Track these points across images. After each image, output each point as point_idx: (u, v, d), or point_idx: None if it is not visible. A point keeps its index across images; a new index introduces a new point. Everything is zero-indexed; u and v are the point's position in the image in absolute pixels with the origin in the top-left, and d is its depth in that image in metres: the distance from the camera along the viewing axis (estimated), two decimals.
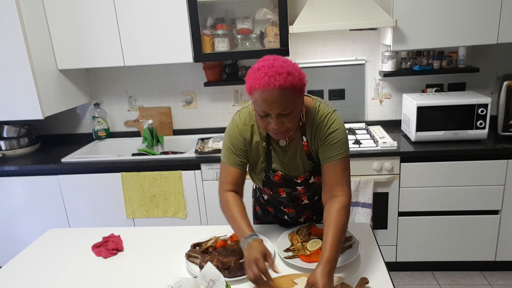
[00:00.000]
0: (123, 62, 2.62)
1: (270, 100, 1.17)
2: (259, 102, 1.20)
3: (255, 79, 1.18)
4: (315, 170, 1.43)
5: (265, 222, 1.72)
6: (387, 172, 2.44)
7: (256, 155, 1.43)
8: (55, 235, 1.73)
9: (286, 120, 1.23)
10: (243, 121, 1.41)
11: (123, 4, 2.51)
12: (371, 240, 1.49)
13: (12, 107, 2.56)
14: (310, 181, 1.45)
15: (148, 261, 1.47)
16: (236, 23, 2.57)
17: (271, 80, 1.15)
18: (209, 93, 3.02)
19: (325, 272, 1.13)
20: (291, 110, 1.21)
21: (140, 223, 2.69)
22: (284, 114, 1.21)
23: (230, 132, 1.42)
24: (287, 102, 1.19)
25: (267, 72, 1.16)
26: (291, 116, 1.23)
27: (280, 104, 1.18)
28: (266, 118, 1.24)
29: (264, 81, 1.16)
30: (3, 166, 2.62)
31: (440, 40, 2.42)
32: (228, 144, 1.42)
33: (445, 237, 2.53)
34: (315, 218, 1.63)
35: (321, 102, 1.39)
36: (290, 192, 1.49)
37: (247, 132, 1.40)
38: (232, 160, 1.42)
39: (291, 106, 1.20)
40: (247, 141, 1.41)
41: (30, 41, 2.44)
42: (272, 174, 1.44)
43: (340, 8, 2.38)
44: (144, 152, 2.64)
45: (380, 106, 2.94)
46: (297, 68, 1.21)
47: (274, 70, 1.16)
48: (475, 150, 2.34)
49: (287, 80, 1.16)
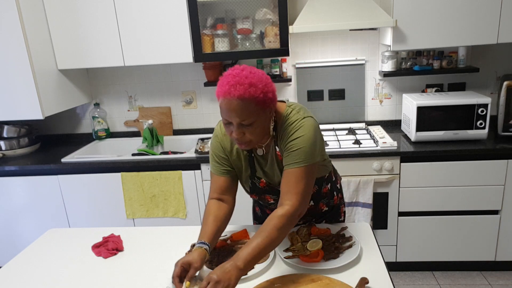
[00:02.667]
0: (123, 62, 2.62)
1: (229, 109, 1.18)
2: (221, 109, 1.21)
3: (219, 86, 1.20)
4: None
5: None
6: (387, 172, 2.44)
7: (239, 163, 1.44)
8: (55, 235, 1.73)
9: (247, 131, 1.23)
10: (223, 131, 1.43)
11: (123, 4, 2.51)
12: (371, 240, 1.49)
13: (12, 107, 2.56)
14: None
15: (148, 261, 1.47)
16: (236, 23, 2.57)
17: (231, 90, 1.17)
18: (209, 93, 3.02)
19: (231, 269, 1.12)
20: (252, 121, 1.21)
21: (140, 223, 2.69)
22: (245, 125, 1.22)
23: (212, 142, 1.46)
24: (247, 113, 1.19)
25: (229, 81, 1.18)
26: (252, 128, 1.22)
27: (239, 114, 1.19)
28: (229, 126, 1.25)
29: (225, 89, 1.18)
30: (3, 166, 2.62)
31: (440, 40, 2.42)
32: (211, 153, 1.46)
33: (445, 237, 2.53)
34: (314, 220, 1.62)
35: (294, 109, 1.35)
36: (277, 199, 1.44)
37: (227, 142, 1.43)
38: (216, 169, 1.45)
39: (251, 117, 1.20)
40: (227, 151, 1.43)
41: (30, 41, 2.44)
42: (257, 181, 1.45)
43: (340, 8, 2.38)
44: (144, 152, 2.64)
45: (380, 106, 2.94)
46: (265, 81, 1.20)
47: (237, 79, 1.17)
48: (475, 150, 2.34)
49: (247, 91, 1.16)
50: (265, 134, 1.30)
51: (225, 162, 1.44)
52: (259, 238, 1.19)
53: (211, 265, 1.32)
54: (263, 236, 1.20)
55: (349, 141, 2.60)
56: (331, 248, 1.39)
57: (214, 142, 1.45)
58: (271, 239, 1.20)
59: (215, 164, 1.45)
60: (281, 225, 1.22)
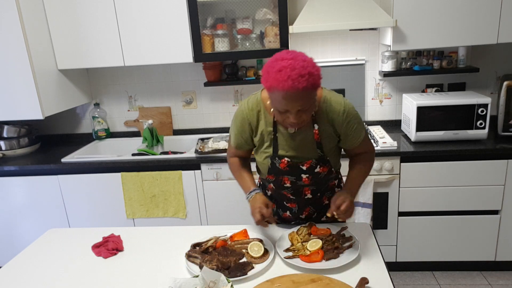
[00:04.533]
0: (123, 62, 2.62)
1: (293, 100, 1.22)
2: (280, 102, 1.24)
3: (277, 81, 1.19)
4: (321, 159, 1.45)
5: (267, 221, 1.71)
6: (387, 172, 2.44)
7: (261, 140, 1.48)
8: (55, 235, 1.73)
9: (304, 114, 1.29)
10: (250, 106, 1.45)
11: (123, 4, 2.51)
12: (371, 240, 1.49)
13: (12, 107, 2.56)
14: (316, 170, 1.47)
15: (148, 261, 1.47)
16: (236, 23, 2.57)
17: (295, 84, 1.18)
18: (209, 93, 3.02)
19: (348, 194, 1.41)
20: (310, 105, 1.28)
21: (140, 223, 2.69)
22: (303, 110, 1.27)
23: (237, 115, 1.49)
24: (308, 100, 1.25)
25: (290, 74, 1.17)
26: (308, 110, 1.29)
27: (301, 104, 1.24)
28: (285, 114, 1.29)
29: (288, 85, 1.18)
30: (3, 166, 2.62)
31: (440, 40, 2.42)
32: (234, 129, 1.51)
33: (445, 237, 2.53)
34: (315, 215, 1.64)
35: (327, 90, 1.47)
36: (294, 182, 1.50)
37: (253, 116, 1.46)
38: (236, 143, 1.54)
39: (310, 102, 1.26)
40: (253, 126, 1.47)
41: (30, 41, 2.44)
42: (278, 161, 1.46)
43: (340, 8, 2.38)
44: (144, 152, 2.64)
45: (380, 106, 2.94)
46: (315, 65, 1.23)
47: (297, 72, 1.18)
48: (475, 150, 2.34)
49: (309, 82, 1.19)
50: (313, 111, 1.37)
51: (246, 139, 1.51)
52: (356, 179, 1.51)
53: (211, 265, 1.32)
54: (360, 173, 1.51)
55: None
56: (331, 248, 1.39)
57: (240, 119, 1.48)
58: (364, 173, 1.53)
59: (236, 138, 1.53)
60: (369, 165, 1.53)
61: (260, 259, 1.37)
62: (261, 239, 1.48)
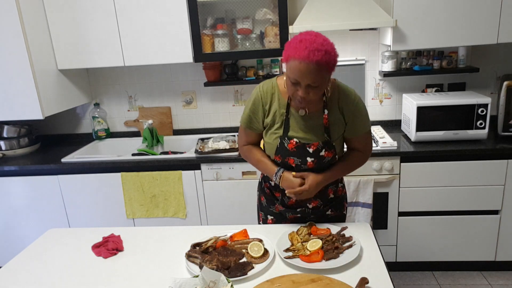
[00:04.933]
0: (123, 62, 2.62)
1: (305, 72, 1.30)
2: (293, 71, 1.33)
3: (295, 49, 1.30)
4: (327, 144, 1.52)
5: (270, 212, 1.72)
6: (387, 172, 2.44)
7: (273, 120, 1.54)
8: (55, 235, 1.73)
9: (312, 92, 1.36)
10: (265, 89, 1.55)
11: (123, 4, 2.51)
12: (371, 240, 1.49)
13: (12, 107, 2.56)
14: (321, 153, 1.52)
15: (148, 261, 1.47)
16: (236, 23, 2.57)
17: (310, 55, 1.28)
18: (209, 93, 3.02)
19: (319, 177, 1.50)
20: (319, 84, 1.35)
21: (140, 223, 2.69)
22: (312, 86, 1.35)
23: (253, 99, 1.56)
24: (318, 76, 1.32)
25: (308, 46, 1.28)
26: (317, 89, 1.36)
27: (312, 77, 1.31)
28: (295, 86, 1.37)
29: (304, 54, 1.28)
30: (3, 166, 2.62)
31: (440, 40, 2.42)
32: (248, 109, 1.57)
33: (445, 237, 2.53)
34: (322, 207, 1.65)
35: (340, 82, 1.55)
36: (299, 165, 1.54)
37: (267, 98, 1.54)
38: (247, 122, 1.60)
39: (320, 80, 1.34)
40: (266, 106, 1.54)
41: (30, 41, 2.44)
42: (287, 141, 1.52)
43: (340, 8, 2.38)
44: (144, 152, 2.64)
45: (380, 106, 2.94)
46: (334, 49, 1.34)
47: (315, 46, 1.28)
48: (475, 150, 2.34)
49: (324, 57, 1.29)
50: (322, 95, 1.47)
51: (260, 122, 1.57)
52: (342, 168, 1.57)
53: (211, 265, 1.32)
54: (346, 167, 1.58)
55: None
56: (331, 248, 1.39)
57: (254, 99, 1.56)
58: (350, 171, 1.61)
59: (250, 122, 1.59)
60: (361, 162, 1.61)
61: (260, 259, 1.37)
62: (261, 239, 1.49)
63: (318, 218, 1.66)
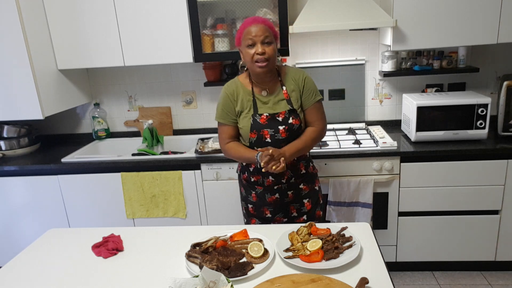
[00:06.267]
0: (123, 62, 2.62)
1: (256, 30, 1.68)
2: (247, 35, 1.69)
3: (244, 24, 1.72)
4: (293, 112, 1.81)
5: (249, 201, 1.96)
6: (387, 172, 2.44)
7: (242, 106, 1.82)
8: (55, 235, 1.73)
9: (267, 48, 1.69)
10: (228, 85, 1.86)
11: (123, 4, 2.51)
12: (371, 240, 1.49)
13: (12, 107, 2.56)
14: (289, 121, 1.79)
15: (148, 261, 1.47)
16: (236, 23, 2.57)
17: (256, 19, 1.71)
18: (209, 93, 3.02)
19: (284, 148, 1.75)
20: (270, 41, 1.70)
21: (140, 223, 2.69)
22: (266, 43, 1.69)
23: (222, 96, 1.85)
24: (268, 33, 1.70)
25: (252, 18, 1.73)
26: (270, 47, 1.70)
27: (263, 32, 1.68)
28: (252, 48, 1.70)
29: (251, 20, 1.71)
30: (3, 166, 2.62)
31: (440, 40, 2.42)
32: (221, 107, 1.84)
33: (445, 237, 2.53)
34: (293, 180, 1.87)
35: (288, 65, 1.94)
36: (273, 135, 1.79)
37: (233, 92, 1.84)
38: (226, 119, 1.84)
39: (270, 37, 1.71)
40: (233, 98, 1.83)
41: (30, 41, 2.44)
42: (258, 117, 1.80)
43: (340, 8, 2.38)
44: (144, 152, 2.64)
45: (380, 106, 2.94)
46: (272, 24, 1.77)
47: (256, 16, 1.75)
48: (475, 150, 2.34)
49: (265, 20, 1.72)
50: (274, 64, 1.76)
51: (232, 113, 1.83)
52: (298, 141, 1.80)
53: (211, 265, 1.32)
54: (302, 140, 1.80)
55: (349, 141, 2.60)
56: (331, 248, 1.39)
57: (223, 96, 1.84)
58: (306, 144, 1.81)
59: (225, 116, 1.84)
60: (314, 136, 1.84)
61: (260, 259, 1.37)
62: (261, 239, 1.49)
63: (295, 196, 1.90)
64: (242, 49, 1.74)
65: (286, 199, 1.90)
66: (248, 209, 1.98)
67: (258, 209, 1.94)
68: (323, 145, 2.53)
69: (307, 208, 1.94)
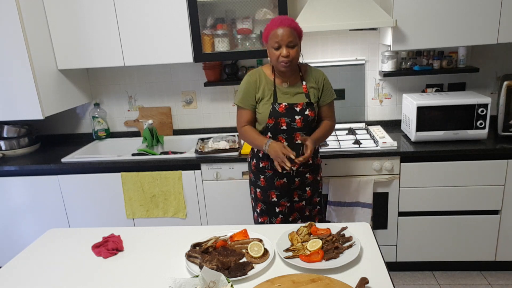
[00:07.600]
0: (123, 62, 2.62)
1: (282, 34, 1.78)
2: (274, 38, 1.79)
3: (271, 25, 1.81)
4: (310, 105, 1.94)
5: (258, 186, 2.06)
6: (387, 172, 2.44)
7: (263, 94, 1.94)
8: (55, 235, 1.73)
9: (292, 51, 1.81)
10: (252, 73, 1.98)
11: (123, 4, 2.51)
12: (371, 240, 1.49)
13: (12, 107, 2.56)
14: (306, 112, 1.92)
15: (148, 261, 1.47)
16: (236, 23, 2.57)
17: (284, 21, 1.79)
18: (209, 93, 3.02)
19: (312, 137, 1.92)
20: (295, 44, 1.81)
21: (140, 223, 2.69)
22: (290, 46, 1.80)
23: (244, 81, 1.97)
24: (293, 37, 1.80)
25: (279, 18, 1.81)
26: (294, 50, 1.81)
27: (288, 36, 1.78)
28: (277, 50, 1.81)
29: (278, 22, 1.79)
30: (3, 166, 2.62)
31: (440, 40, 2.42)
32: (243, 91, 1.96)
33: (445, 237, 2.53)
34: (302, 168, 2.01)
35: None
36: (289, 124, 1.92)
37: (255, 79, 1.96)
38: (245, 104, 1.96)
39: (295, 41, 1.81)
40: (256, 85, 1.94)
41: (30, 41, 2.44)
42: (277, 105, 1.92)
43: (340, 8, 2.38)
44: (144, 152, 2.64)
45: (380, 106, 2.94)
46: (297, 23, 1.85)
47: (284, 17, 1.81)
48: (475, 150, 2.34)
49: (292, 22, 1.81)
50: (297, 62, 1.90)
51: (252, 99, 1.95)
52: (318, 132, 1.98)
53: (211, 265, 1.32)
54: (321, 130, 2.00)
55: (349, 141, 2.60)
56: (331, 248, 1.39)
57: (245, 82, 1.96)
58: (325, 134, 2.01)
59: (245, 101, 1.96)
60: (329, 128, 2.03)
61: (260, 259, 1.37)
62: (261, 239, 1.49)
63: (300, 183, 2.03)
64: (268, 48, 1.86)
65: (293, 185, 2.03)
66: (256, 193, 2.09)
67: (265, 193, 2.05)
68: (323, 145, 2.53)
69: (308, 194, 2.09)
